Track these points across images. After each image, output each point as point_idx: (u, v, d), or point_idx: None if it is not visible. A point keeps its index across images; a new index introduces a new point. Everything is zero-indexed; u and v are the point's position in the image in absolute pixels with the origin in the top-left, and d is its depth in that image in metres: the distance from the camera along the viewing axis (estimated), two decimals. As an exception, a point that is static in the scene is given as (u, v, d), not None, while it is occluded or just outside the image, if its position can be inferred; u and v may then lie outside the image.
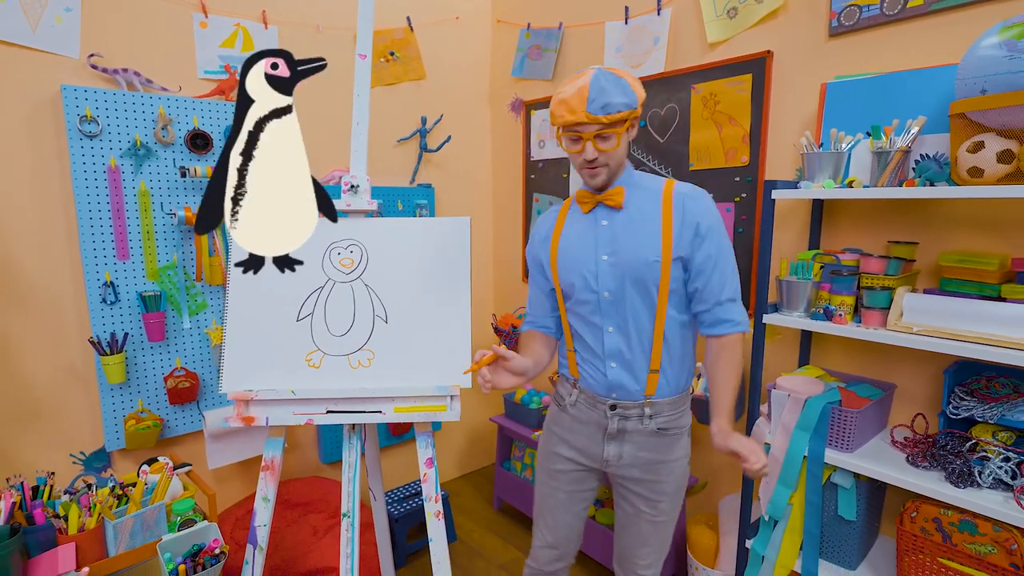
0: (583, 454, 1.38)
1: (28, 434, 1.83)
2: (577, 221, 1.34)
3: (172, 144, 1.94)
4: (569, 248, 1.33)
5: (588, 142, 1.19)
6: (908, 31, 1.53)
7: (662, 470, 1.34)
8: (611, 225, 1.28)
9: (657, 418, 1.31)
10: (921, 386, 1.59)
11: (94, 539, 1.13)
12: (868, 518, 1.55)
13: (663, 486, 1.35)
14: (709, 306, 1.27)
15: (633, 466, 1.34)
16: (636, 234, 1.25)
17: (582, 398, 1.37)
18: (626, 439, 1.33)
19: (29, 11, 1.73)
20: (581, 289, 1.30)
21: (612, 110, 1.16)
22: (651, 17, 2.14)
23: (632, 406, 1.31)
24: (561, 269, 1.34)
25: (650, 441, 1.33)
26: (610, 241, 1.27)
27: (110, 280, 1.87)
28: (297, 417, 1.36)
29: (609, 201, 1.27)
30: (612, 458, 1.35)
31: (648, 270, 1.24)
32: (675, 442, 1.35)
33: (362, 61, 1.55)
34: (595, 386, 1.34)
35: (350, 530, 1.38)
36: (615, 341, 1.29)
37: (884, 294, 1.41)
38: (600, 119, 1.16)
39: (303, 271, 1.45)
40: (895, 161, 1.38)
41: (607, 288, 1.28)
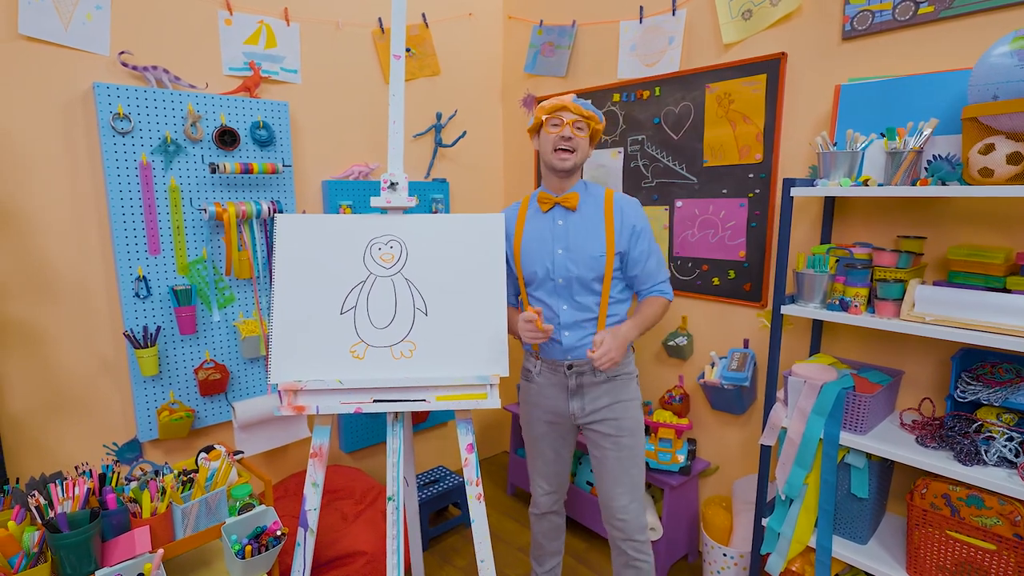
0: (553, 413, 1.70)
1: (62, 425, 1.87)
2: (536, 219, 1.65)
3: (201, 141, 1.97)
4: (529, 242, 1.63)
5: (566, 126, 1.53)
6: (919, 36, 1.62)
7: (618, 408, 1.64)
8: (566, 224, 1.61)
9: None
10: (927, 372, 1.69)
11: (164, 522, 1.19)
12: (878, 496, 1.65)
13: (622, 422, 1.63)
14: (648, 286, 1.64)
15: (595, 411, 1.64)
16: (586, 232, 1.59)
17: (544, 367, 1.68)
18: (585, 392, 1.64)
19: (61, 9, 1.75)
20: (541, 276, 1.62)
21: (589, 108, 1.57)
22: (666, 17, 2.21)
23: (584, 363, 1.61)
24: (524, 260, 1.64)
25: (604, 387, 1.63)
26: (564, 237, 1.60)
27: (142, 275, 1.90)
28: (345, 406, 1.42)
29: (565, 203, 1.60)
30: (577, 410, 1.65)
31: (595, 262, 1.57)
32: (625, 385, 1.65)
33: (397, 61, 1.59)
34: (554, 353, 1.64)
35: (395, 513, 1.45)
36: (569, 315, 1.61)
37: (897, 286, 1.50)
38: (581, 109, 1.54)
39: (346, 266, 1.51)
40: (908, 161, 1.47)
41: (561, 275, 1.59)
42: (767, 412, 1.77)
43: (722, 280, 2.16)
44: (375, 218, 1.56)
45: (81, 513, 1.12)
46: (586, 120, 1.56)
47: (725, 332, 2.17)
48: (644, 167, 2.35)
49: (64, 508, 1.13)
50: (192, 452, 2.12)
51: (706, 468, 2.22)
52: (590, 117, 1.56)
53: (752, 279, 2.07)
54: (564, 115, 1.54)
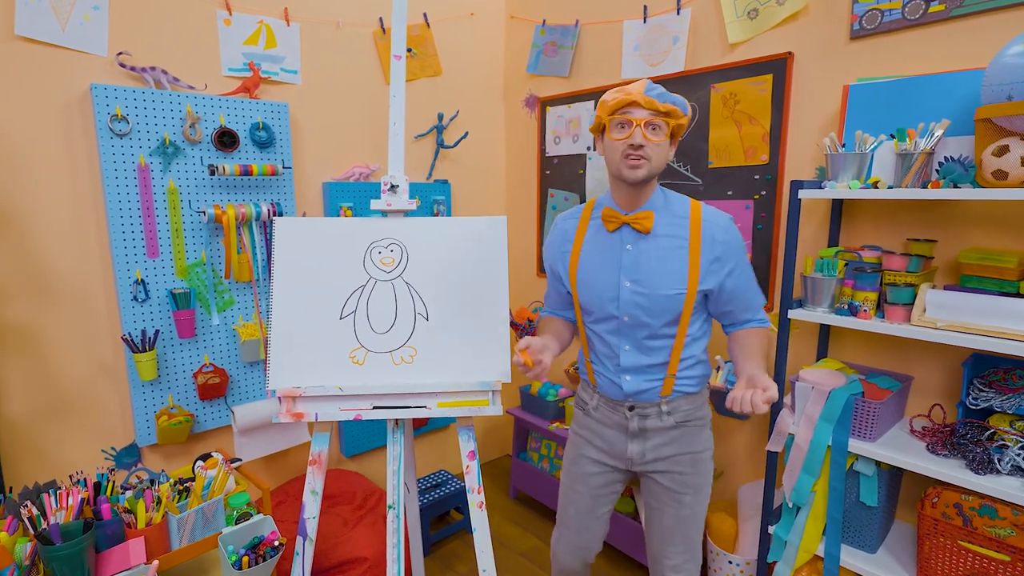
0: (609, 454, 1.43)
1: (60, 430, 1.85)
2: (599, 237, 1.33)
3: (200, 142, 1.95)
4: (590, 266, 1.33)
5: (638, 127, 1.17)
6: (930, 35, 1.59)
7: (685, 462, 1.38)
8: (636, 251, 1.28)
9: (675, 413, 1.36)
10: (937, 378, 1.66)
11: (160, 533, 1.17)
12: (887, 504, 1.62)
13: (687, 478, 1.38)
14: (740, 321, 1.37)
15: (657, 460, 1.39)
16: (663, 264, 1.25)
17: (602, 402, 1.43)
18: (648, 436, 1.38)
19: (59, 9, 1.73)
20: (600, 311, 1.34)
21: (667, 99, 1.19)
22: (670, 16, 2.18)
23: (649, 406, 1.36)
24: (581, 287, 1.36)
25: (671, 434, 1.37)
26: (634, 268, 1.27)
27: (140, 278, 1.88)
28: (345, 413, 1.40)
29: (636, 225, 1.26)
30: (636, 455, 1.40)
31: (671, 302, 1.26)
32: (696, 434, 1.39)
33: (398, 62, 1.57)
34: (612, 393, 1.39)
35: (395, 521, 1.43)
36: (631, 358, 1.34)
37: (907, 290, 1.47)
38: (655, 103, 1.16)
39: (345, 270, 1.49)
40: (919, 163, 1.44)
41: (627, 313, 1.30)
42: (773, 418, 1.74)
43: (727, 283, 2.13)
44: (375, 221, 1.53)
45: (75, 524, 1.10)
46: (663, 116, 1.18)
47: (730, 336, 2.14)
48: (648, 168, 2.32)
49: (57, 519, 1.11)
50: (191, 457, 2.10)
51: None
52: (669, 112, 1.18)
53: (759, 281, 2.03)
54: (633, 113, 1.17)
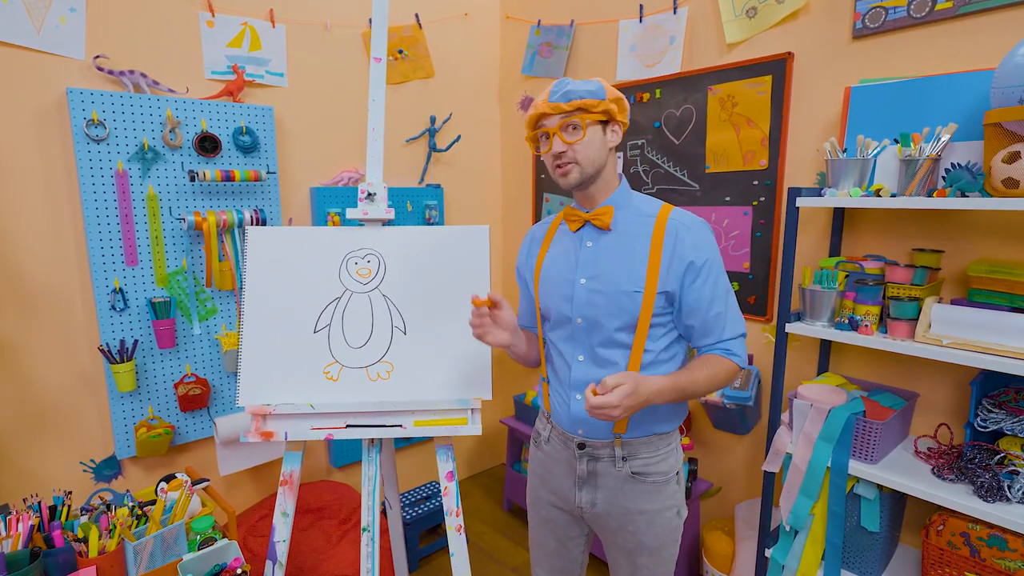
0: (560, 498, 1.26)
1: (38, 442, 1.81)
2: (564, 239, 1.24)
3: (180, 147, 1.90)
4: (551, 267, 1.23)
5: (554, 136, 1.10)
6: (936, 34, 1.50)
7: (641, 522, 1.18)
8: (595, 247, 1.17)
9: (632, 460, 1.17)
10: (944, 396, 1.57)
11: (114, 561, 1.11)
12: (890, 528, 1.54)
13: (641, 538, 1.19)
14: (709, 343, 1.15)
15: (608, 515, 1.20)
16: (619, 259, 1.14)
17: (555, 434, 1.25)
18: (599, 484, 1.19)
19: (33, 11, 1.69)
20: (556, 313, 1.21)
21: (573, 96, 1.08)
22: (667, 16, 2.10)
23: (601, 445, 1.17)
24: (541, 289, 1.24)
25: (625, 488, 1.17)
26: (591, 264, 1.17)
27: (119, 287, 1.83)
28: (316, 432, 1.34)
29: (596, 221, 1.16)
30: (585, 505, 1.21)
31: (627, 300, 1.12)
32: (656, 491, 1.18)
33: (377, 64, 1.51)
34: (562, 420, 1.21)
35: (370, 544, 1.37)
36: (583, 371, 1.17)
37: (911, 305, 1.39)
38: (561, 106, 1.08)
39: (320, 282, 1.43)
40: (924, 169, 1.36)
41: (581, 314, 1.16)
42: (771, 434, 1.66)
43: (725, 292, 2.05)
44: (351, 231, 1.47)
45: (21, 553, 1.05)
46: (576, 114, 1.09)
47: (728, 347, 2.06)
48: (644, 173, 2.25)
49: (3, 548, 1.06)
50: (174, 469, 2.05)
51: (707, 490, 2.11)
52: (580, 107, 1.08)
53: (757, 291, 1.96)
54: (546, 123, 1.11)
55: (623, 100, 1.14)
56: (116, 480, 1.95)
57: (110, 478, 1.95)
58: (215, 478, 2.12)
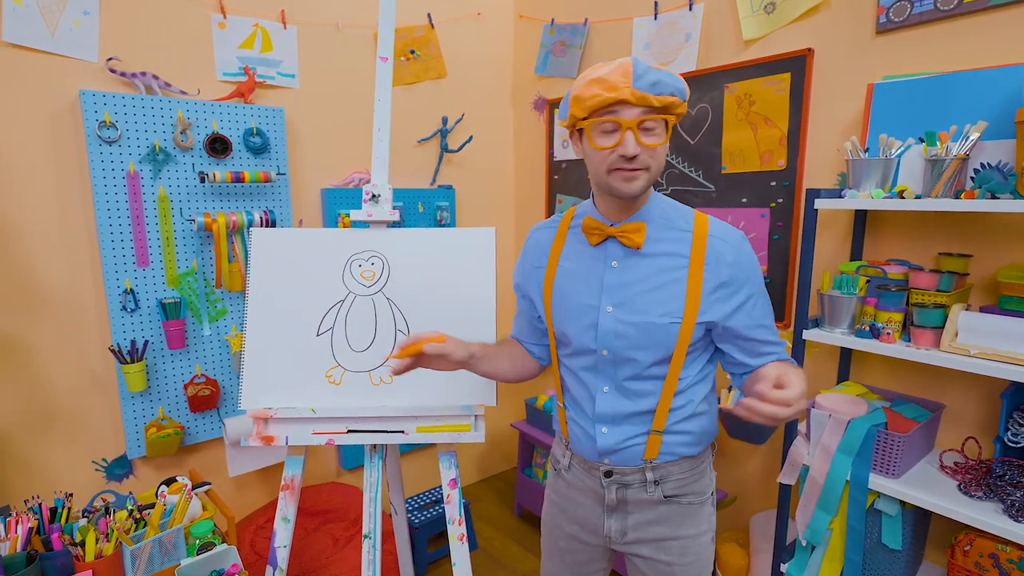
0: (584, 529, 1.14)
1: (50, 441, 1.83)
2: (580, 253, 1.06)
3: (191, 149, 1.91)
4: (566, 288, 1.06)
5: (629, 131, 0.88)
6: (965, 28, 1.43)
7: (675, 549, 1.08)
8: (622, 269, 1.01)
9: (664, 484, 1.07)
10: (972, 407, 1.50)
11: (111, 565, 1.11)
12: (913, 545, 1.47)
13: (677, 569, 1.08)
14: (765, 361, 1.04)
15: (641, 543, 1.10)
16: (654, 287, 0.99)
17: (576, 461, 1.14)
18: (630, 511, 1.09)
19: (48, 15, 1.70)
20: (576, 342, 1.06)
21: (664, 90, 0.88)
22: (682, 12, 2.05)
23: (630, 471, 1.07)
24: (555, 311, 1.08)
25: (659, 512, 1.08)
26: (619, 289, 1.01)
27: (130, 287, 1.84)
28: (317, 437, 1.32)
29: (624, 239, 0.99)
30: (615, 534, 1.11)
31: (663, 333, 0.98)
32: (692, 513, 1.09)
33: (384, 64, 1.49)
34: (585, 450, 1.10)
35: (372, 552, 1.34)
36: (609, 403, 1.05)
37: (937, 312, 1.32)
38: (649, 99, 0.87)
39: (323, 284, 1.41)
40: (951, 170, 1.29)
41: (607, 346, 1.02)
42: (787, 445, 1.60)
43: (741, 296, 1.99)
44: (356, 233, 1.46)
45: (18, 556, 1.04)
46: (660, 113, 0.90)
47: (744, 353, 2.00)
48: (658, 174, 2.20)
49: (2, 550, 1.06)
50: (184, 469, 2.06)
51: (722, 499, 2.05)
52: (666, 106, 0.89)
53: (775, 296, 1.90)
54: (621, 113, 0.89)
55: None
56: (127, 479, 1.97)
57: (121, 477, 1.96)
58: (224, 479, 2.13)
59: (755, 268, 1.02)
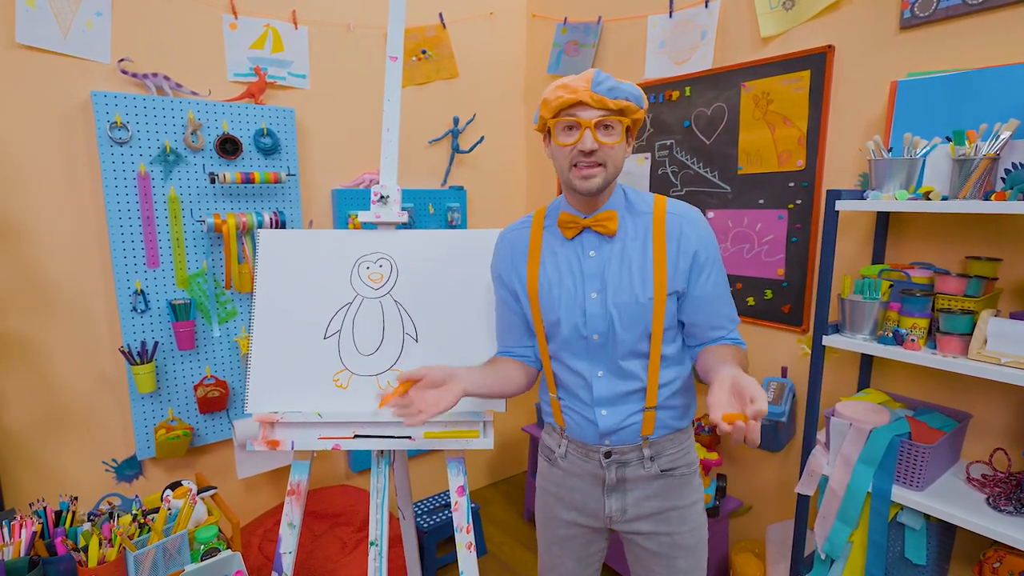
0: (583, 513, 1.20)
1: (60, 442, 1.83)
2: (558, 248, 1.13)
3: (202, 149, 1.90)
4: (551, 282, 1.13)
5: (588, 129, 0.98)
6: (995, 22, 1.37)
7: (674, 519, 1.15)
8: (600, 257, 1.09)
9: (659, 459, 1.14)
10: (1001, 417, 1.44)
11: (115, 571, 1.10)
12: (937, 560, 1.41)
13: (678, 538, 1.16)
14: (719, 336, 1.12)
15: (640, 519, 1.16)
16: (628, 269, 1.07)
17: (572, 448, 1.19)
18: (628, 488, 1.15)
19: (60, 16, 1.71)
20: (567, 331, 1.11)
21: (619, 95, 0.99)
22: (698, 10, 2.01)
23: (629, 449, 1.13)
24: (543, 306, 1.13)
25: (655, 486, 1.15)
26: (598, 275, 1.09)
27: (140, 288, 1.84)
28: (323, 442, 1.30)
29: (599, 227, 1.07)
30: (616, 513, 1.16)
31: (641, 310, 1.07)
32: (685, 484, 1.16)
33: (393, 64, 1.47)
34: (585, 435, 1.15)
35: (378, 559, 1.32)
36: (605, 386, 1.12)
37: (964, 318, 1.27)
38: (606, 101, 0.97)
39: (331, 286, 1.39)
40: (980, 170, 1.24)
41: (597, 330, 1.09)
42: (806, 454, 1.55)
43: (758, 300, 1.94)
44: (364, 234, 1.44)
45: (21, 561, 1.03)
46: (616, 115, 1.00)
47: (761, 358, 1.95)
48: (673, 174, 2.16)
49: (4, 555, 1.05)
50: (194, 470, 2.06)
51: (737, 508, 2.00)
52: (622, 109, 0.99)
53: (792, 300, 1.85)
54: (581, 114, 0.99)
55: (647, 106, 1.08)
56: (137, 480, 1.97)
57: (131, 478, 1.96)
58: (234, 481, 2.12)
59: (713, 242, 1.10)
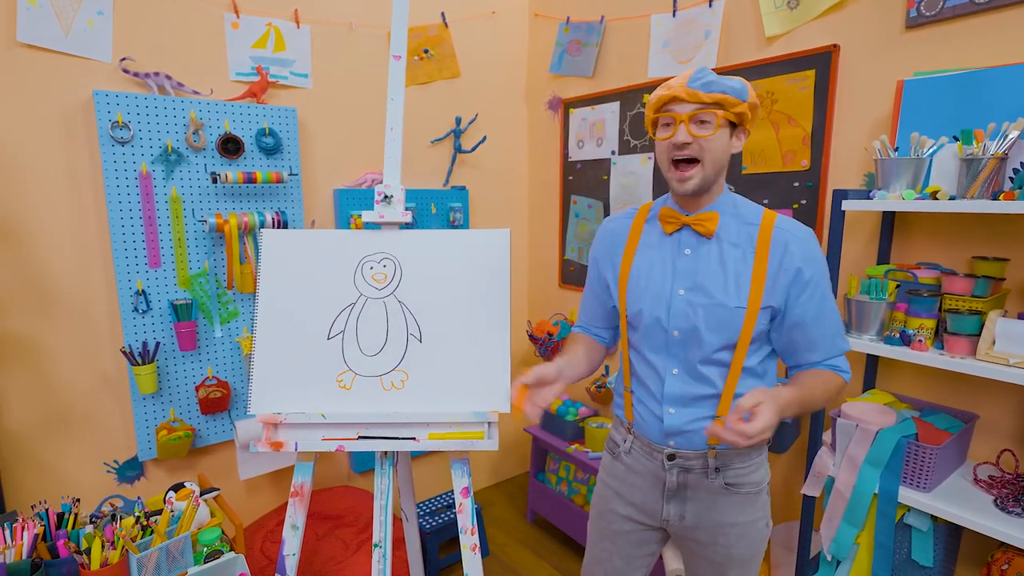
0: (641, 511, 1.20)
1: (61, 442, 1.82)
2: (655, 242, 1.15)
3: (203, 149, 1.90)
4: (641, 273, 1.15)
5: (681, 124, 1.00)
6: (1003, 21, 1.37)
7: (733, 534, 1.14)
8: (695, 256, 1.10)
9: (725, 472, 1.12)
10: (1007, 417, 1.43)
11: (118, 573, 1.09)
12: (944, 562, 1.41)
13: (732, 551, 1.15)
14: (817, 360, 1.10)
15: (698, 528, 1.15)
16: (723, 272, 1.07)
17: (637, 445, 1.19)
18: (689, 496, 1.15)
19: (62, 15, 1.70)
20: (648, 323, 1.13)
21: (715, 88, 0.99)
22: (702, 9, 2.00)
23: (694, 456, 1.12)
24: (630, 296, 1.16)
25: (718, 500, 1.13)
26: (691, 274, 1.09)
27: (142, 288, 1.83)
28: (327, 443, 1.29)
29: (699, 227, 1.08)
30: (673, 518, 1.17)
31: (729, 316, 1.06)
32: (750, 502, 1.14)
33: (396, 63, 1.47)
34: (651, 432, 1.16)
35: (382, 562, 1.31)
36: (678, 385, 1.12)
37: (972, 319, 1.26)
38: (699, 95, 0.98)
39: (334, 286, 1.39)
40: (988, 169, 1.23)
41: (678, 327, 1.09)
42: (811, 455, 1.54)
43: (762, 301, 1.93)
44: (368, 234, 1.43)
45: (23, 563, 1.03)
46: (712, 108, 0.99)
47: (765, 359, 1.94)
48: (676, 174, 2.15)
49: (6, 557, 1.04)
50: (196, 472, 2.05)
51: (742, 509, 1.99)
52: (718, 102, 0.99)
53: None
54: (676, 109, 1.01)
55: (759, 108, 1.07)
56: (139, 481, 1.96)
57: (132, 479, 1.95)
58: (235, 482, 2.11)
59: (818, 261, 1.07)
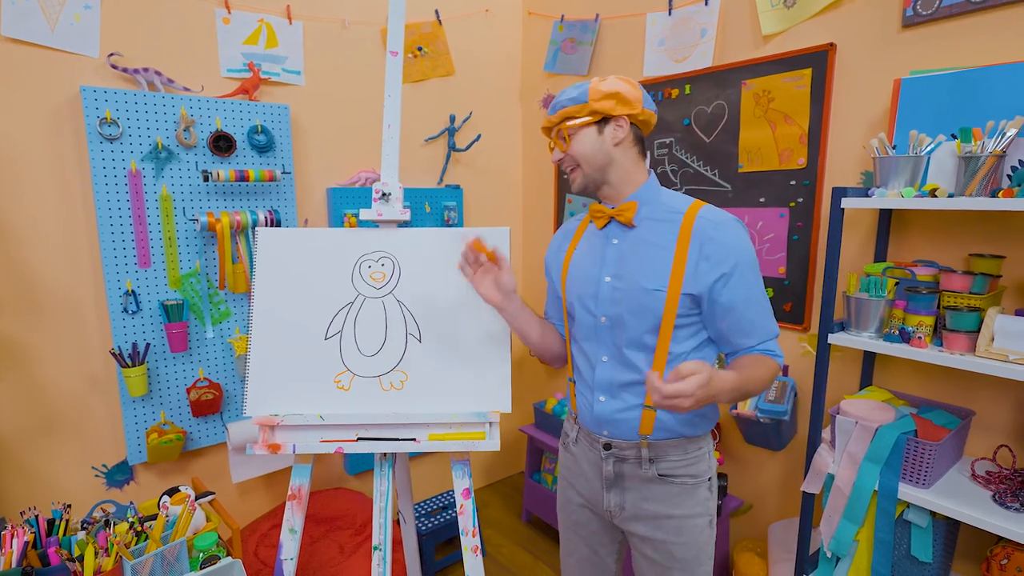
0: (590, 501, 1.24)
1: (49, 446, 1.78)
2: (592, 237, 1.22)
3: (194, 146, 1.86)
4: (578, 265, 1.22)
5: (553, 146, 1.17)
6: (999, 20, 1.38)
7: (670, 527, 1.14)
8: (620, 244, 1.15)
9: (659, 463, 1.14)
10: (1004, 414, 1.44)
11: (112, 580, 1.06)
12: (943, 558, 1.41)
13: (673, 549, 1.15)
14: (751, 345, 1.10)
15: (637, 519, 1.17)
16: (642, 257, 1.11)
17: (582, 435, 1.24)
18: (626, 486, 1.17)
19: (47, 9, 1.66)
20: (580, 311, 1.19)
21: (557, 107, 1.13)
22: (698, 7, 2.00)
23: (627, 446, 1.15)
24: (568, 286, 1.23)
25: (653, 490, 1.15)
26: (616, 262, 1.14)
27: (131, 289, 1.80)
28: (325, 445, 1.27)
29: (620, 217, 1.14)
30: (614, 508, 1.19)
31: (649, 299, 1.09)
32: (686, 495, 1.14)
33: (393, 59, 1.45)
34: (588, 421, 1.20)
35: (382, 564, 1.29)
36: (607, 372, 1.15)
37: (971, 316, 1.27)
38: (551, 119, 1.15)
39: (332, 285, 1.36)
40: (987, 167, 1.24)
41: (605, 313, 1.14)
42: (810, 452, 1.55)
43: (759, 299, 1.94)
44: (365, 232, 1.40)
45: (13, 572, 0.99)
46: (560, 125, 1.12)
47: (762, 357, 1.94)
48: (672, 173, 2.15)
49: (-4, 566, 1.01)
50: (188, 475, 2.01)
51: (738, 507, 2.00)
52: (565, 116, 1.11)
53: (794, 298, 1.84)
54: (548, 135, 1.19)
55: (623, 92, 1.09)
56: (128, 486, 1.92)
57: (122, 484, 1.91)
58: (228, 485, 2.08)
59: (741, 248, 1.07)
